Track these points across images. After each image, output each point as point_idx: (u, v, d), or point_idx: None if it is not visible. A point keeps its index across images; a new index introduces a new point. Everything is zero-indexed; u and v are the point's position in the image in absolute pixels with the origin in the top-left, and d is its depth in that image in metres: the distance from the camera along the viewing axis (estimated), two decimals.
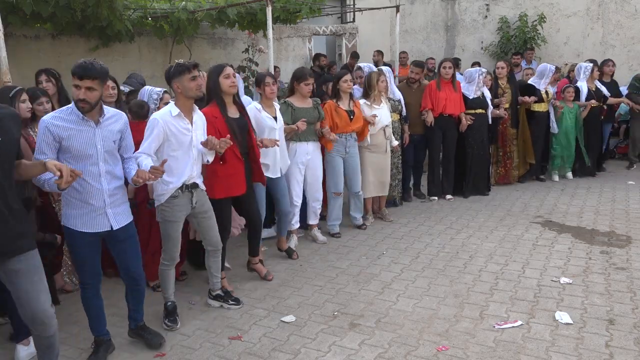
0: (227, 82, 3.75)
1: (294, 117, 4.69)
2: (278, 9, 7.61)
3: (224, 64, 3.81)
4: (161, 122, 3.25)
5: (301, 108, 4.77)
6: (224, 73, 3.73)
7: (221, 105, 3.77)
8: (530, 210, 6.00)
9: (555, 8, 10.10)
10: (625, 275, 4.14)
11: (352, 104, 5.17)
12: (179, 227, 3.48)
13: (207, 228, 3.62)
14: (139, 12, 6.93)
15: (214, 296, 3.86)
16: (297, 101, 4.79)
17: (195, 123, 3.43)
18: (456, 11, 11.31)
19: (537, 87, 6.97)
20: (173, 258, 3.53)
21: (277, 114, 4.43)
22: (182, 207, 3.42)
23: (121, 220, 3.04)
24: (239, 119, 3.87)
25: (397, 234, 5.34)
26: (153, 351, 3.29)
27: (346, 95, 5.14)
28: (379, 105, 5.43)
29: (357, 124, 5.16)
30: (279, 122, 4.42)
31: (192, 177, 3.42)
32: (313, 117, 4.81)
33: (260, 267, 4.34)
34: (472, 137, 6.46)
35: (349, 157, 5.21)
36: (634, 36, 9.38)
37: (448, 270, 4.39)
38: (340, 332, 3.44)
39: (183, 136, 3.33)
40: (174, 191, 3.36)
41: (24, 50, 6.73)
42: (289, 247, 4.80)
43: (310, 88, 4.74)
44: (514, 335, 3.32)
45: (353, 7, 10.90)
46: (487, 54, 10.73)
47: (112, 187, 2.97)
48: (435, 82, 6.30)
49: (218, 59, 8.94)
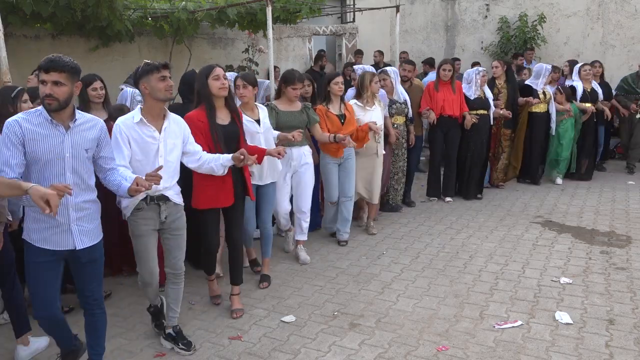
0: (216, 84, 3.47)
1: (277, 121, 4.40)
2: (278, 9, 7.60)
3: (213, 65, 3.56)
4: (124, 129, 2.99)
5: (286, 112, 4.47)
6: (214, 74, 3.46)
7: (209, 110, 3.49)
8: (530, 210, 6.00)
9: (555, 8, 10.09)
10: (625, 275, 4.14)
11: (343, 107, 4.91)
12: (148, 243, 3.12)
13: (171, 247, 3.23)
14: (139, 12, 6.93)
15: (166, 335, 3.35)
16: (283, 104, 4.50)
17: (166, 130, 3.08)
18: (456, 11, 11.30)
19: (535, 88, 6.91)
20: (145, 282, 3.21)
21: (260, 116, 4.04)
22: (147, 221, 3.09)
23: (87, 239, 2.67)
24: (228, 125, 3.56)
25: (397, 234, 5.34)
26: (153, 351, 3.29)
27: (337, 98, 4.88)
28: (372, 107, 5.19)
29: (350, 127, 4.87)
30: (264, 125, 4.03)
31: (159, 189, 3.03)
32: (299, 122, 4.48)
33: (234, 300, 3.80)
34: (472, 139, 6.42)
35: (344, 162, 4.96)
36: (634, 36, 9.37)
37: (448, 270, 4.39)
38: (340, 332, 3.44)
39: (147, 145, 3.02)
40: (138, 203, 3.04)
41: (24, 50, 6.72)
42: (264, 274, 4.31)
43: (297, 93, 4.48)
44: (514, 335, 3.32)
45: (353, 7, 10.89)
46: (487, 54, 10.72)
47: (80, 201, 2.64)
48: (433, 83, 6.29)
49: (218, 59, 8.93)
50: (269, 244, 4.31)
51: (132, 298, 4.02)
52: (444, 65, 6.24)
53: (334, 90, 4.84)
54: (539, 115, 6.99)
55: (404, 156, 5.96)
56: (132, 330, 3.57)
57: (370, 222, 5.49)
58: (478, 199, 6.54)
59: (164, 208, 3.12)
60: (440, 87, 6.21)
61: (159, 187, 2.96)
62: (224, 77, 3.50)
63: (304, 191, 4.63)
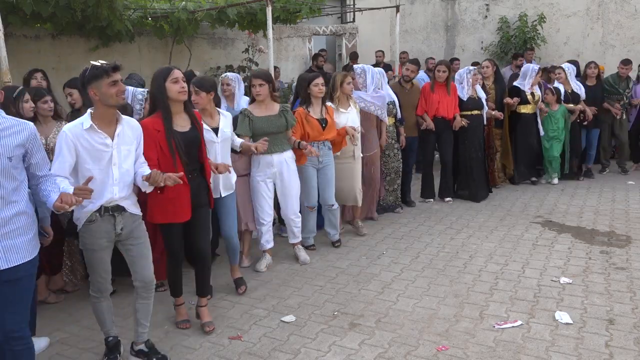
0: (175, 88, 3.17)
1: (253, 128, 4.16)
2: (278, 9, 7.61)
3: (171, 66, 3.29)
4: (70, 137, 2.73)
5: (262, 117, 4.20)
6: (172, 77, 3.16)
7: (166, 116, 3.18)
8: (530, 210, 6.01)
9: (555, 8, 10.10)
10: (625, 275, 4.14)
11: (324, 111, 4.71)
12: (103, 256, 2.92)
13: (135, 257, 3.01)
14: (139, 12, 6.93)
15: (136, 352, 3.18)
16: (258, 109, 4.23)
17: (120, 136, 2.86)
18: (456, 11, 11.31)
19: (522, 89, 6.84)
20: (100, 290, 3.01)
21: (220, 124, 3.75)
22: (101, 234, 2.87)
23: (13, 257, 2.39)
24: (188, 132, 3.28)
25: (397, 234, 5.34)
26: None
27: (318, 101, 4.66)
28: (347, 109, 4.98)
29: (331, 132, 4.69)
30: (222, 135, 3.74)
31: (114, 200, 2.86)
32: (277, 127, 4.25)
33: (203, 313, 3.58)
34: (468, 140, 6.34)
35: (323, 168, 4.76)
36: (634, 36, 9.38)
37: (448, 270, 4.39)
38: (340, 332, 3.44)
39: (99, 152, 2.79)
40: (90, 215, 2.83)
41: (24, 50, 6.73)
42: (239, 277, 4.15)
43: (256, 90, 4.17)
44: (514, 335, 3.32)
45: (353, 7, 10.91)
46: (487, 54, 10.72)
47: (4, 216, 2.37)
48: (429, 84, 6.25)
49: (218, 59, 8.95)
50: (235, 254, 4.09)
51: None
52: (439, 67, 6.19)
53: (314, 92, 4.60)
54: (527, 116, 6.90)
55: (397, 157, 5.86)
56: (132, 330, 3.56)
57: (357, 222, 5.39)
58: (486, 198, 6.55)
59: (120, 219, 2.91)
60: (436, 88, 6.17)
61: (115, 196, 2.84)
62: (183, 79, 3.21)
63: (289, 197, 4.49)
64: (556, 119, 6.94)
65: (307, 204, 4.82)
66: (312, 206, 4.84)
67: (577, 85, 7.16)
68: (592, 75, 7.34)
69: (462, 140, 6.37)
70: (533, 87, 6.90)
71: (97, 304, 3.06)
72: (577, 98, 7.06)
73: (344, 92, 4.94)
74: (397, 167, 5.88)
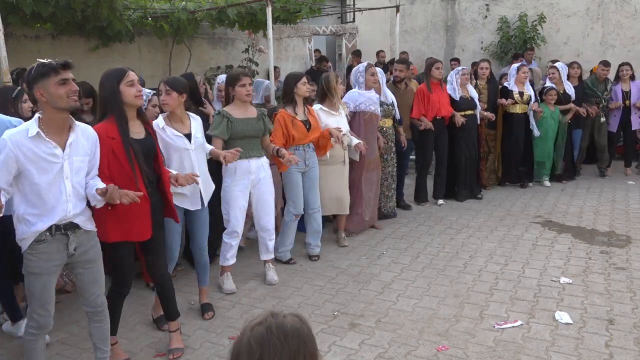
0: (131, 92, 2.83)
1: (232, 130, 3.88)
2: (278, 9, 7.60)
3: (125, 68, 2.92)
4: (10, 146, 2.38)
5: (241, 119, 3.91)
6: (127, 80, 2.83)
7: (121, 122, 2.82)
8: (530, 210, 6.00)
9: (555, 8, 10.10)
10: (625, 275, 4.14)
11: (307, 112, 4.50)
12: (48, 282, 2.56)
13: (86, 284, 2.70)
14: (139, 12, 6.93)
15: None
16: (237, 110, 3.94)
17: (72, 145, 2.53)
18: (456, 11, 11.30)
19: (510, 89, 6.77)
20: (40, 326, 2.60)
21: (192, 130, 3.47)
22: (51, 256, 2.52)
23: None
24: (144, 140, 2.95)
25: (397, 234, 5.34)
26: (153, 351, 3.29)
27: (302, 101, 4.45)
28: (336, 111, 4.79)
29: (315, 133, 4.51)
30: (195, 141, 3.45)
31: (67, 216, 2.53)
32: (256, 130, 3.99)
33: (173, 338, 3.26)
34: (463, 140, 6.30)
35: (308, 170, 4.55)
36: (633, 36, 9.37)
37: (448, 270, 4.39)
38: (340, 332, 3.44)
39: (47, 164, 2.45)
40: (39, 234, 2.48)
41: (24, 50, 6.72)
42: (207, 302, 3.79)
43: (248, 90, 3.91)
44: (514, 335, 3.32)
45: (353, 7, 10.90)
46: (487, 54, 10.72)
47: None
48: (425, 85, 6.11)
49: (218, 59, 8.95)
50: (206, 272, 3.75)
51: (132, 298, 4.00)
52: (437, 64, 6.09)
53: (302, 91, 4.41)
54: (517, 116, 6.80)
55: (394, 161, 5.71)
56: (132, 330, 3.57)
57: (341, 233, 5.11)
58: (478, 199, 6.50)
59: (73, 238, 2.58)
60: (433, 88, 6.06)
61: (69, 214, 2.52)
62: (138, 82, 2.91)
63: (264, 207, 4.11)
64: (555, 120, 6.92)
65: (294, 212, 4.57)
66: (299, 214, 4.60)
67: (568, 86, 7.12)
68: (574, 75, 7.27)
69: (458, 141, 6.30)
70: (523, 87, 6.82)
71: (33, 343, 2.62)
72: (568, 98, 7.04)
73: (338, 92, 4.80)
74: (392, 172, 5.75)
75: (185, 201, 3.47)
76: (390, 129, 5.61)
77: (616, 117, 7.52)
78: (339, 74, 5.14)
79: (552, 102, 6.91)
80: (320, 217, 4.73)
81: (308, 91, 4.46)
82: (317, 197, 4.64)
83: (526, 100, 6.78)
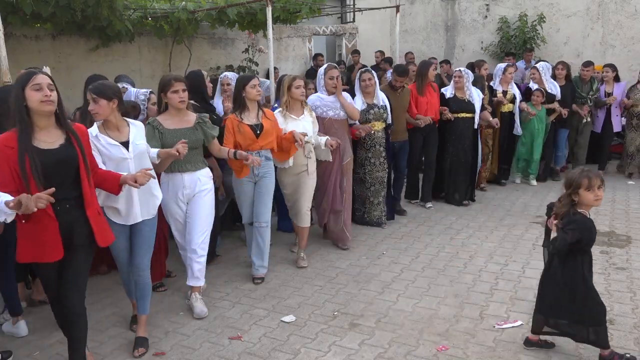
0: (36, 96, 2.54)
1: (163, 142, 3.52)
2: (278, 9, 7.60)
3: (34, 70, 2.67)
4: None
5: (174, 130, 3.57)
6: (32, 83, 2.55)
7: (22, 130, 2.54)
8: (530, 210, 6.00)
9: (555, 8, 10.10)
10: (625, 275, 4.14)
11: (261, 116, 4.15)
12: None
13: None
14: (139, 12, 6.93)
15: None
16: (170, 120, 3.61)
17: None
18: (456, 11, 11.30)
19: (494, 88, 6.78)
20: None
21: (130, 137, 3.17)
22: None
23: None
24: (58, 150, 2.64)
25: (397, 234, 5.34)
26: (153, 350, 3.29)
27: (254, 105, 4.13)
28: (299, 116, 4.45)
29: (267, 139, 4.12)
30: (134, 149, 3.16)
31: None
32: (193, 141, 3.60)
33: None
34: (451, 143, 6.12)
35: (259, 181, 4.19)
36: (633, 36, 9.37)
37: (448, 270, 4.39)
38: (340, 332, 3.44)
39: None
40: None
41: (24, 50, 6.73)
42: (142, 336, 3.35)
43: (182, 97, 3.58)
44: (514, 335, 3.32)
45: (353, 7, 10.90)
46: (487, 54, 10.72)
47: None
48: (414, 85, 5.99)
49: (218, 59, 8.95)
50: (146, 296, 3.39)
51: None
52: (433, 65, 5.99)
53: (252, 94, 4.08)
54: (504, 114, 6.78)
55: (384, 165, 5.34)
56: (132, 330, 3.57)
57: (300, 252, 4.65)
58: (464, 205, 6.22)
59: None
60: (424, 90, 5.92)
61: None
62: (49, 86, 2.59)
63: (195, 225, 3.71)
64: (541, 120, 6.91)
65: (245, 221, 4.33)
66: (249, 222, 4.31)
67: (551, 85, 7.10)
68: (560, 76, 7.25)
69: (445, 143, 6.13)
70: (507, 86, 6.82)
71: None
72: (552, 98, 7.03)
73: (293, 96, 4.40)
74: (382, 177, 5.37)
75: (117, 215, 3.17)
76: (380, 132, 5.28)
77: (599, 118, 7.52)
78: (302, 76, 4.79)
79: (539, 103, 6.89)
80: (267, 234, 4.28)
81: (259, 94, 4.12)
82: (267, 210, 4.23)
83: (510, 99, 6.78)
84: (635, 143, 7.33)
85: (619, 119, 7.42)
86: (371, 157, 5.31)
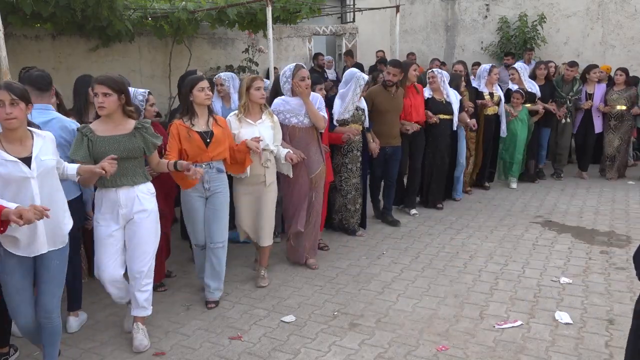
0: None
1: (94, 152, 3.05)
2: (278, 9, 7.60)
3: None
4: None
5: (106, 138, 3.07)
6: None
7: None
8: (530, 210, 6.01)
9: (555, 8, 10.10)
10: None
11: (211, 122, 3.68)
12: None
13: None
14: (139, 12, 6.93)
15: None
16: (104, 126, 3.11)
17: None
18: (456, 11, 11.31)
19: (480, 90, 6.69)
20: None
21: (33, 151, 2.62)
22: None
23: None
24: None
25: (397, 234, 5.34)
26: (153, 350, 3.29)
27: (203, 110, 3.66)
28: (255, 120, 3.97)
29: (217, 148, 3.66)
30: (39, 165, 2.61)
31: None
32: (129, 150, 3.10)
33: None
34: (427, 145, 5.90)
35: (211, 197, 3.72)
36: (633, 36, 9.38)
37: (448, 270, 4.39)
38: (340, 332, 3.44)
39: None
40: None
41: (24, 50, 6.73)
42: None
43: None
44: (514, 335, 3.32)
45: (353, 7, 10.90)
46: (487, 54, 10.73)
47: None
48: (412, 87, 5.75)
49: (218, 59, 8.96)
50: (55, 343, 2.86)
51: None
52: (414, 66, 5.69)
53: (200, 98, 3.61)
54: (489, 117, 6.69)
55: (359, 172, 5.10)
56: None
57: (261, 270, 4.25)
58: (438, 209, 6.07)
59: None
60: (407, 92, 5.60)
61: None
62: None
63: (136, 250, 3.20)
64: (523, 121, 6.88)
65: (194, 242, 3.90)
66: (200, 245, 3.88)
67: (530, 85, 7.05)
68: (540, 76, 7.22)
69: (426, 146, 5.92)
70: (492, 87, 6.75)
71: None
72: (532, 97, 7.01)
73: (252, 99, 3.93)
74: (357, 184, 5.13)
75: (15, 246, 2.61)
76: (358, 136, 5.00)
77: (577, 119, 7.48)
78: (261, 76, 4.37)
79: (519, 104, 6.85)
80: (223, 254, 3.82)
81: (207, 98, 3.64)
82: (223, 229, 3.78)
83: (496, 101, 6.72)
84: (614, 145, 7.29)
85: (600, 120, 7.38)
86: (348, 162, 5.05)
